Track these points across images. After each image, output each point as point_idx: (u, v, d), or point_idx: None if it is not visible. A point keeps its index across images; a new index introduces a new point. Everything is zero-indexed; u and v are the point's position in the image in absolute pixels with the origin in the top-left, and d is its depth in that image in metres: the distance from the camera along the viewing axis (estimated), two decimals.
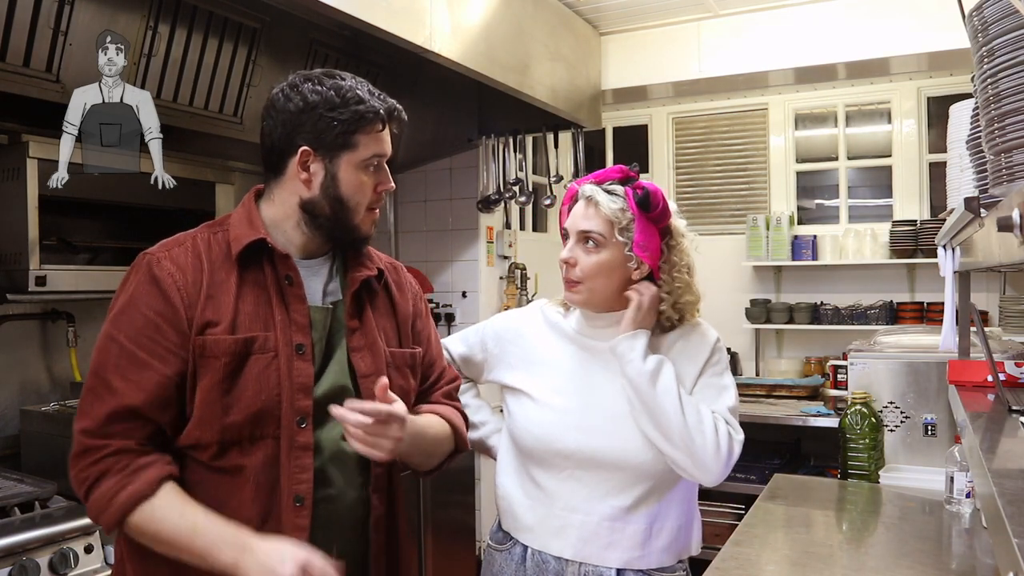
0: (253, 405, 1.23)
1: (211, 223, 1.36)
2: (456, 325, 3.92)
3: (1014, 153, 1.02)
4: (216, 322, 1.23)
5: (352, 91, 1.28)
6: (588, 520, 1.46)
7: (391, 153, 1.35)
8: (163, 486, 1.20)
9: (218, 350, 1.22)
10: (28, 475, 2.12)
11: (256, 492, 1.24)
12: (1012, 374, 1.81)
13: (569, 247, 1.50)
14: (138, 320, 1.23)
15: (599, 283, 1.48)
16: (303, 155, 1.28)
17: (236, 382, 1.23)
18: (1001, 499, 0.83)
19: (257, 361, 1.24)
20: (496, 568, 1.56)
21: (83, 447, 1.22)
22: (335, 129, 1.27)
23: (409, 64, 3.06)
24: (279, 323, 1.27)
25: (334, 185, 1.29)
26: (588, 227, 1.47)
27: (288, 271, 1.30)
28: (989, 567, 1.74)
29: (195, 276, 1.25)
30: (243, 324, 1.25)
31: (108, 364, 1.23)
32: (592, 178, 1.52)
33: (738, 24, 3.90)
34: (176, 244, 1.30)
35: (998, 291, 3.97)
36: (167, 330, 1.22)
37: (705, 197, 4.77)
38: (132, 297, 1.25)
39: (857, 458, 2.50)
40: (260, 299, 1.28)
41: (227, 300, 1.25)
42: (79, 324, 2.58)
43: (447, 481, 3.27)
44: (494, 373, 1.63)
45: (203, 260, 1.27)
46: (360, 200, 1.32)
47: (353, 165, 1.30)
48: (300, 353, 1.27)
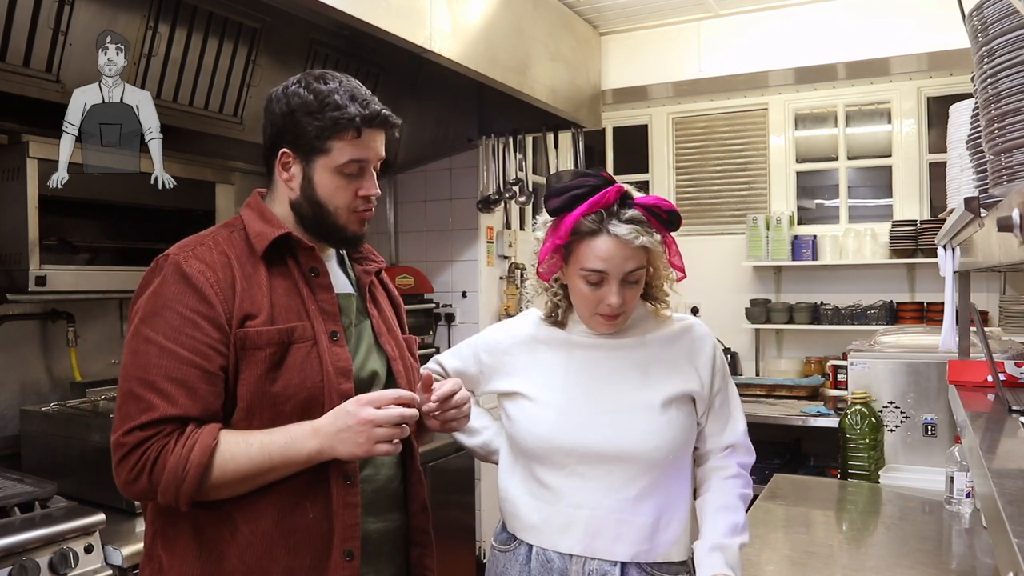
0: (301, 392, 1.26)
1: (224, 224, 1.39)
2: (456, 325, 3.92)
3: (1014, 153, 1.02)
4: (255, 314, 1.26)
5: (331, 96, 1.30)
6: (595, 515, 1.46)
7: (378, 157, 1.36)
8: (220, 433, 1.22)
9: (261, 341, 1.25)
10: (28, 475, 2.12)
11: (308, 475, 1.26)
12: (1012, 374, 1.81)
13: (616, 291, 1.41)
14: (174, 320, 1.22)
15: (633, 308, 1.50)
16: (283, 156, 1.33)
17: (280, 372, 1.25)
18: (1001, 499, 0.83)
19: (299, 350, 1.27)
20: (500, 569, 1.56)
21: (131, 444, 1.20)
22: (310, 134, 1.30)
23: (409, 64, 3.06)
24: (312, 312, 1.31)
25: (311, 188, 1.33)
26: (634, 266, 1.42)
27: (313, 263, 1.35)
28: (989, 567, 1.74)
29: (225, 272, 1.27)
30: (280, 315, 1.28)
31: (150, 367, 1.21)
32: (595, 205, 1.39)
33: (738, 24, 3.90)
34: (198, 243, 1.31)
35: (998, 291, 3.97)
36: (207, 327, 1.23)
37: (705, 197, 4.77)
38: (162, 298, 1.24)
39: (857, 458, 2.50)
40: (290, 291, 1.32)
41: (261, 293, 1.28)
42: (79, 324, 2.58)
43: (447, 481, 3.27)
44: (491, 384, 1.62)
45: (229, 256, 1.29)
46: (339, 204, 1.34)
47: (328, 170, 1.32)
48: (335, 340, 1.32)
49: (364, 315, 1.44)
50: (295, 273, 1.33)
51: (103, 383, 2.60)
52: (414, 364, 1.51)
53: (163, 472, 1.19)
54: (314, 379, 1.28)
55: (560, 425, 1.49)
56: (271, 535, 1.26)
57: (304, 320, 1.30)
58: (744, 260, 4.48)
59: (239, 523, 1.25)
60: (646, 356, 1.51)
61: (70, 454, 2.23)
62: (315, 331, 1.30)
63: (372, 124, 1.32)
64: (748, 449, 1.57)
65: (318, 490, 1.28)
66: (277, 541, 1.26)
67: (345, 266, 1.47)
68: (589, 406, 1.49)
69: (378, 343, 1.43)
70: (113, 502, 2.07)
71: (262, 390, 1.24)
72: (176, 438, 1.19)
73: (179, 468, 1.18)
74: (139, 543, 1.94)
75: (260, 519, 1.25)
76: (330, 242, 1.40)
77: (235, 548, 1.25)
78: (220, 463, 1.20)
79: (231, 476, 1.21)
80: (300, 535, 1.27)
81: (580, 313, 1.51)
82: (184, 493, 1.19)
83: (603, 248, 1.40)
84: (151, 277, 1.28)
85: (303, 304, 1.31)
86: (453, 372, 1.67)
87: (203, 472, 1.19)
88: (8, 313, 2.44)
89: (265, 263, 1.31)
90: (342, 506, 1.29)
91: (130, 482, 1.21)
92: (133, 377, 1.22)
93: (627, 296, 1.44)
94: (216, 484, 1.21)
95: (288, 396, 1.26)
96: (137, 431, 1.19)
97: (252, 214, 1.36)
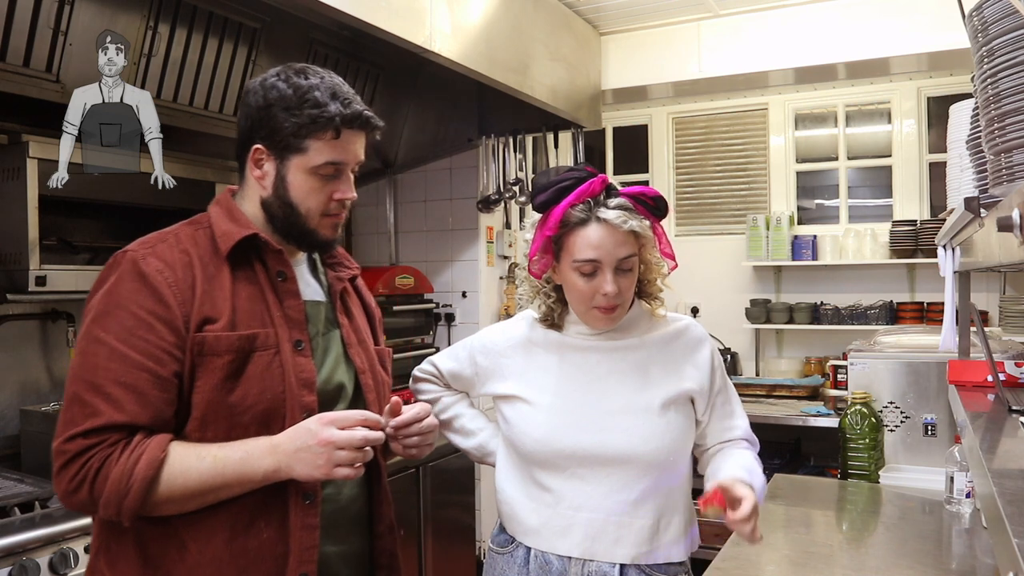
0: (260, 403, 1.19)
1: (190, 220, 1.31)
2: (456, 325, 3.92)
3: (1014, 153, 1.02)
4: (214, 318, 1.18)
5: (311, 92, 1.23)
6: (595, 517, 1.46)
7: (357, 160, 1.29)
8: (170, 445, 1.15)
9: (220, 347, 1.17)
10: (28, 475, 2.12)
11: (265, 492, 1.20)
12: (1012, 374, 1.81)
13: (610, 280, 1.40)
14: (127, 320, 1.15)
15: (629, 299, 1.48)
16: (255, 152, 1.26)
17: (239, 381, 1.18)
18: (1001, 499, 0.83)
19: (260, 358, 1.20)
20: (498, 571, 1.56)
21: (73, 452, 1.12)
22: (286, 130, 1.23)
23: (409, 64, 3.06)
24: (276, 319, 1.24)
25: (283, 187, 1.26)
26: (626, 253, 1.42)
27: (281, 267, 1.28)
28: (989, 567, 1.74)
29: (185, 272, 1.20)
30: (242, 321, 1.21)
31: (98, 369, 1.13)
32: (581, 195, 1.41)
33: (738, 24, 3.90)
34: (159, 240, 1.25)
35: (998, 291, 3.97)
36: (161, 329, 1.15)
37: (705, 197, 4.77)
38: (116, 297, 1.17)
39: (857, 458, 2.50)
40: (255, 296, 1.24)
41: (223, 296, 1.21)
42: (79, 324, 2.58)
43: (447, 481, 3.27)
44: (487, 386, 1.61)
45: (191, 256, 1.22)
46: (311, 206, 1.27)
47: (303, 170, 1.25)
48: (299, 349, 1.25)
49: (334, 324, 1.35)
50: (261, 277, 1.26)
51: None
52: (385, 378, 1.43)
53: (105, 484, 1.11)
54: (275, 390, 1.20)
55: (557, 428, 1.48)
56: (221, 556, 1.17)
57: (268, 327, 1.22)
58: (744, 260, 4.48)
59: (187, 541, 1.18)
60: (644, 357, 1.51)
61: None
62: (278, 339, 1.22)
63: (352, 125, 1.25)
64: (754, 440, 1.58)
65: (274, 509, 1.20)
66: (227, 563, 1.18)
67: (317, 272, 1.40)
68: (586, 408, 1.48)
69: (347, 354, 1.35)
70: None
71: (218, 399, 1.17)
72: (122, 448, 1.12)
73: (122, 481, 1.10)
74: None
75: (210, 539, 1.18)
76: (300, 246, 1.33)
77: (182, 568, 1.17)
78: (168, 478, 1.12)
79: (179, 492, 1.14)
80: (252, 556, 1.19)
81: (577, 309, 1.49)
82: (127, 508, 1.12)
83: (594, 236, 1.40)
84: (107, 274, 1.21)
85: (267, 310, 1.24)
86: (448, 373, 1.66)
87: (148, 486, 1.11)
88: (8, 313, 2.44)
89: (230, 264, 1.23)
90: (300, 527, 1.21)
91: (70, 493, 1.13)
92: (80, 379, 1.14)
93: (622, 285, 1.43)
94: (163, 500, 1.14)
95: (247, 407, 1.18)
96: (80, 438, 1.12)
97: (220, 212, 1.29)
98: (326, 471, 1.15)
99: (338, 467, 1.15)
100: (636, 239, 1.43)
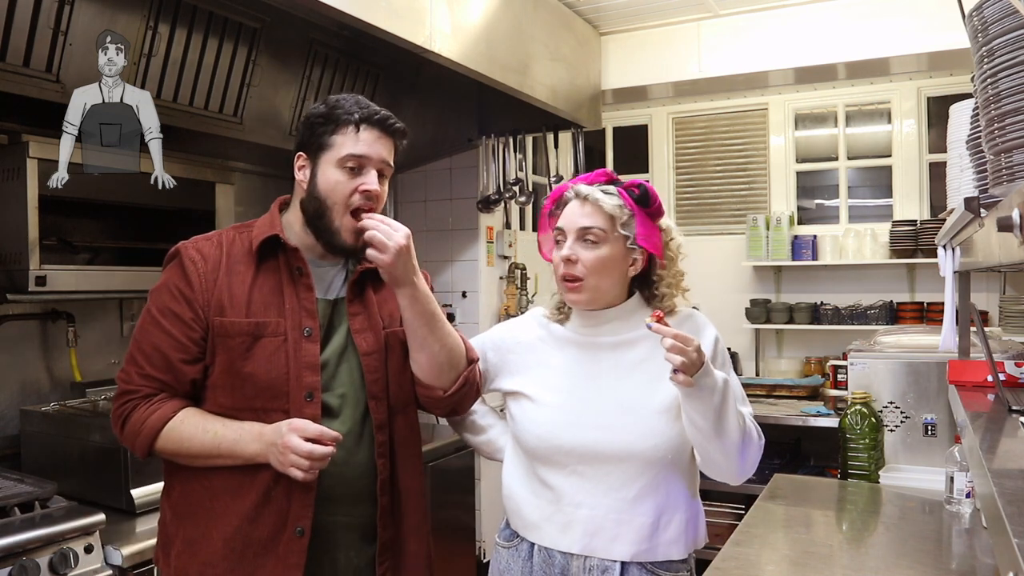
0: (263, 380, 1.41)
1: (239, 225, 1.55)
2: (456, 325, 3.88)
3: (1014, 153, 1.02)
4: (230, 307, 1.42)
5: (340, 103, 1.45)
6: (594, 514, 1.47)
7: (380, 158, 1.45)
8: (183, 410, 1.42)
9: (233, 330, 1.41)
10: (28, 475, 2.12)
11: None
12: (1012, 374, 1.82)
13: (568, 245, 1.51)
14: (165, 295, 1.44)
15: (601, 280, 1.51)
16: (298, 160, 1.48)
17: (248, 360, 1.40)
18: (1001, 499, 0.83)
19: (268, 343, 1.41)
20: (503, 565, 1.59)
21: (120, 390, 1.44)
22: (317, 134, 1.44)
23: (409, 64, 3.06)
24: (289, 310, 1.43)
25: (315, 184, 1.45)
26: (588, 223, 1.50)
27: (298, 263, 1.46)
28: (989, 567, 1.74)
29: (214, 264, 1.44)
30: (256, 310, 1.42)
31: (142, 331, 1.45)
32: (580, 180, 1.56)
33: (738, 24, 3.90)
34: (204, 238, 1.50)
35: (998, 291, 3.97)
36: (183, 304, 1.42)
37: (705, 197, 4.77)
38: (164, 277, 1.47)
39: (857, 458, 2.50)
40: (273, 288, 1.45)
41: (242, 288, 1.43)
42: (79, 324, 2.58)
43: (447, 481, 3.27)
44: (496, 382, 1.66)
45: (223, 252, 1.46)
46: (336, 199, 1.43)
47: (330, 164, 1.43)
48: (307, 336, 1.43)
49: (345, 316, 1.50)
50: (283, 272, 1.46)
51: (103, 383, 2.60)
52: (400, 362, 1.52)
53: (126, 426, 1.42)
54: (279, 371, 1.41)
55: (558, 425, 1.50)
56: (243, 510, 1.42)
57: (279, 317, 1.43)
58: (744, 260, 4.48)
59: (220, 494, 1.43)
60: (646, 354, 1.51)
61: (70, 454, 2.23)
62: (287, 328, 1.43)
63: (369, 121, 1.44)
64: (758, 432, 1.55)
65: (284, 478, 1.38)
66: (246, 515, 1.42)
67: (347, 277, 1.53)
68: (588, 406, 1.50)
69: (353, 341, 1.48)
70: (113, 502, 2.08)
71: (232, 371, 1.41)
72: (145, 402, 1.42)
73: (136, 427, 1.41)
74: (139, 543, 1.94)
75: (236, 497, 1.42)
76: (328, 248, 1.47)
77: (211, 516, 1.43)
78: (174, 438, 1.40)
79: (184, 452, 1.41)
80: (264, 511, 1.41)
81: (558, 286, 1.57)
82: (138, 447, 1.43)
83: (568, 209, 1.54)
84: (167, 260, 1.50)
85: (282, 301, 1.44)
86: None
87: (154, 436, 1.40)
88: (8, 313, 2.43)
89: (258, 262, 1.46)
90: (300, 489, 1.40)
91: (113, 421, 1.46)
92: (133, 338, 1.46)
93: (582, 256, 1.49)
94: (170, 452, 1.42)
95: (254, 381, 1.41)
96: (124, 386, 1.44)
97: (264, 219, 1.51)
98: (283, 468, 1.35)
99: (292, 467, 1.34)
100: (604, 217, 1.49)
